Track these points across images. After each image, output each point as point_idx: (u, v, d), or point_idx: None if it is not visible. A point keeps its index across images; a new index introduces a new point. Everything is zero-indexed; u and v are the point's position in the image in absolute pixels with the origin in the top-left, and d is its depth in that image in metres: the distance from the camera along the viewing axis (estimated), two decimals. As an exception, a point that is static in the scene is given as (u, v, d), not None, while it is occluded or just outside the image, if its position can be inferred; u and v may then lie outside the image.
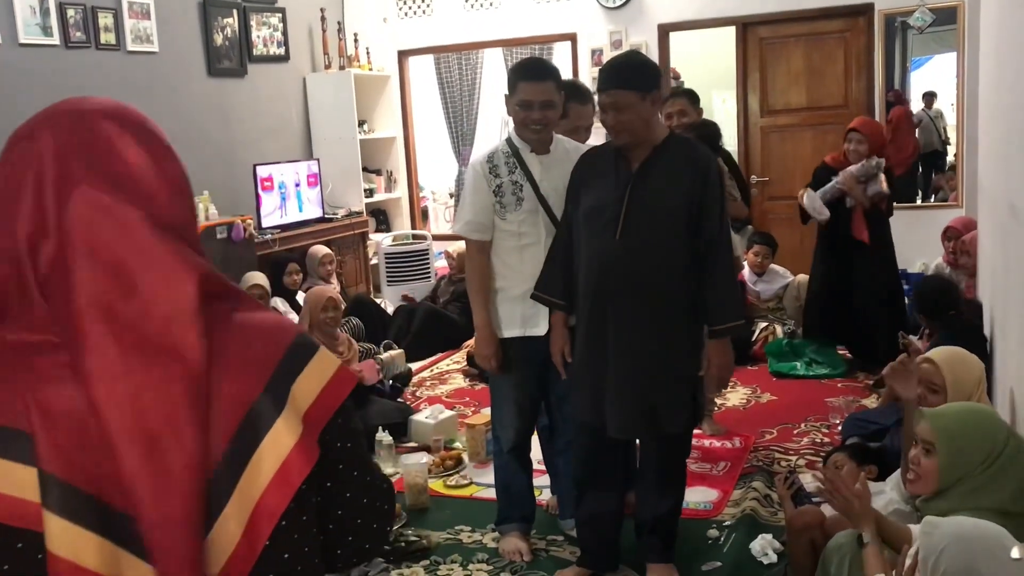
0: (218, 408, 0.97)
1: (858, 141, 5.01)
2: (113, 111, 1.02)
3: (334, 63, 7.34)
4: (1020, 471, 2.17)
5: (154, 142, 1.01)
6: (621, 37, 6.93)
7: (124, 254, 0.95)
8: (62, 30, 5.29)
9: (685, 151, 2.83)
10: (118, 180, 0.97)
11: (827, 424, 4.43)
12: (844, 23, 6.53)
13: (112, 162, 0.98)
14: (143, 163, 0.99)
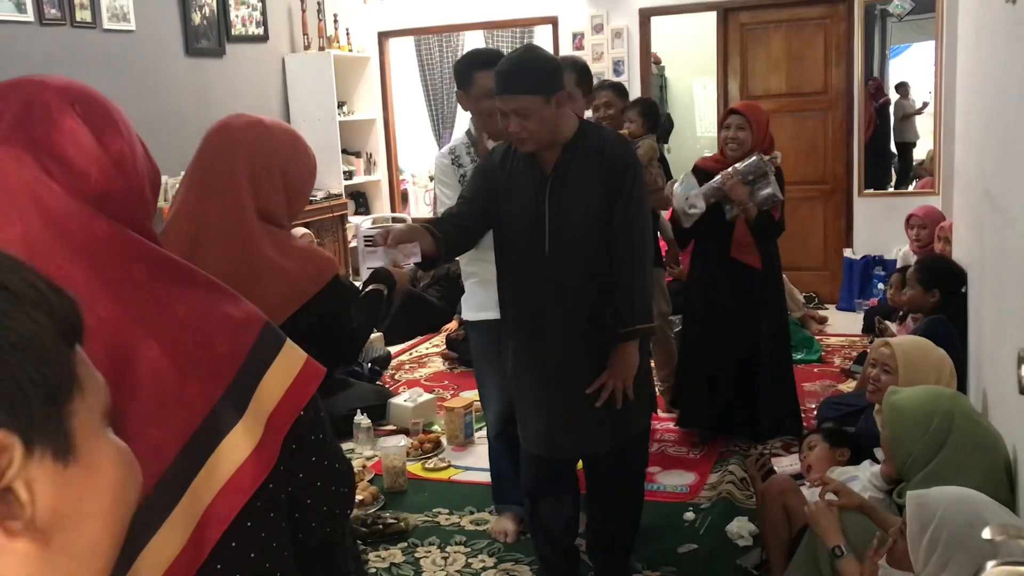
0: (177, 409, 0.95)
1: (738, 126, 3.89)
2: (64, 85, 1.01)
3: (313, 44, 7.28)
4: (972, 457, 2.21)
5: (102, 119, 0.99)
6: (602, 21, 6.92)
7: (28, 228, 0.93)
8: (36, 6, 5.20)
9: (597, 143, 2.62)
10: (47, 148, 0.96)
11: (804, 409, 4.47)
12: (824, 10, 6.55)
13: (45, 130, 0.96)
14: (80, 136, 0.97)
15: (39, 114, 0.96)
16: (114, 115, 1.02)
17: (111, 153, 0.98)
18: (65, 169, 0.95)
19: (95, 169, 0.97)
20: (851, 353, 5.34)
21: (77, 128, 0.97)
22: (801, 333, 5.53)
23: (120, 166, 0.99)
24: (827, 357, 5.39)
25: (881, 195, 6.65)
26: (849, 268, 6.48)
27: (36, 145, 0.95)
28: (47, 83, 1.00)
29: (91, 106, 0.99)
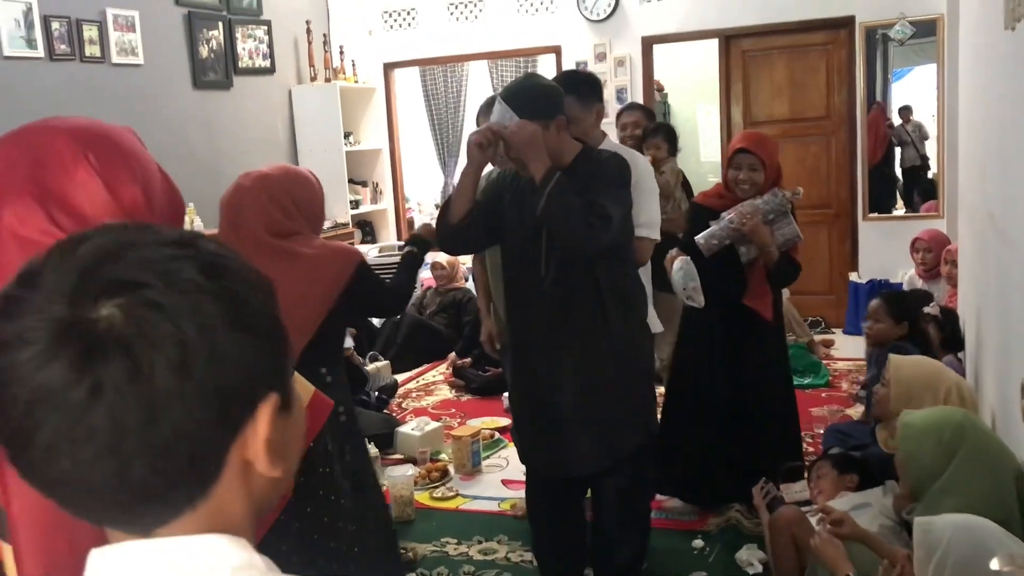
0: None
1: (750, 167, 3.40)
2: (79, 132, 1.02)
3: (320, 75, 7.35)
4: (983, 466, 2.21)
5: (115, 167, 1.00)
6: (605, 50, 6.97)
7: None
8: (47, 43, 5.28)
9: (594, 164, 2.66)
10: (59, 199, 0.97)
11: (811, 434, 4.46)
12: (826, 35, 6.60)
13: (58, 181, 0.98)
14: (92, 187, 0.98)
15: (52, 164, 0.98)
16: (129, 159, 1.03)
17: (123, 202, 1.00)
18: (76, 220, 0.97)
19: (107, 219, 0.98)
20: (858, 377, 5.33)
21: (89, 179, 0.99)
22: (808, 358, 5.53)
23: (131, 214, 1.01)
24: (834, 381, 5.38)
25: (886, 219, 6.67)
26: (855, 292, 6.48)
27: (48, 196, 0.97)
28: (62, 130, 1.01)
29: (105, 154, 1.01)
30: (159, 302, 0.61)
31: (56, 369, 0.60)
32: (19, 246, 0.96)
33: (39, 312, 0.61)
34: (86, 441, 0.60)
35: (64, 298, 0.61)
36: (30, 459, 0.62)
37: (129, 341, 0.60)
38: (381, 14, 7.64)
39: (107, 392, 0.60)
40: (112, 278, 0.62)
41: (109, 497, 0.63)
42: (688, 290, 3.34)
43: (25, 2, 5.14)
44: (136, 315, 0.61)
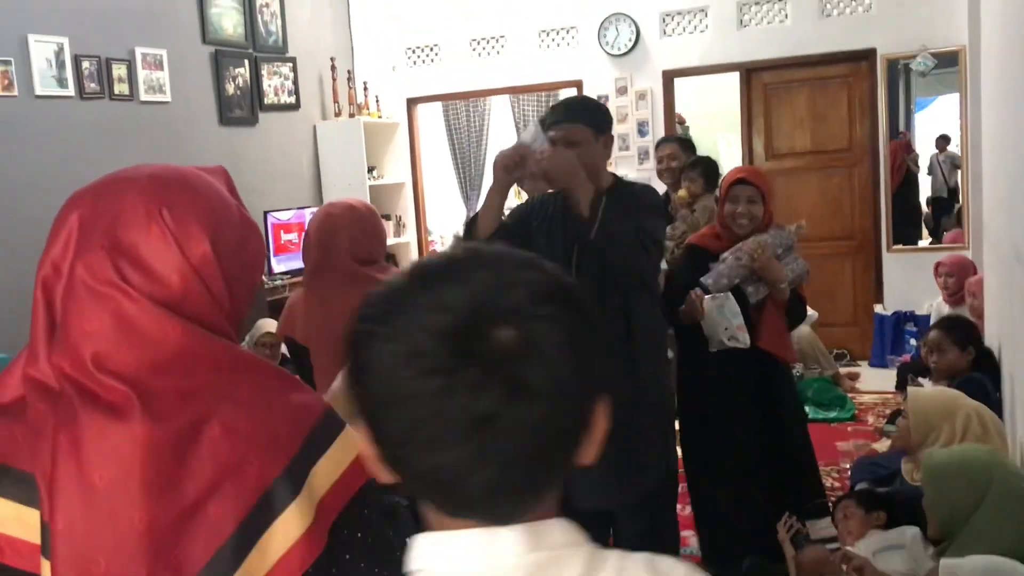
0: (235, 487, 0.98)
1: (749, 199, 3.20)
2: (157, 184, 1.05)
3: (344, 111, 7.44)
4: (1012, 507, 2.18)
5: (187, 223, 1.03)
6: (626, 83, 7.02)
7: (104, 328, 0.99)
8: (77, 82, 5.39)
9: (629, 195, 2.67)
10: (131, 255, 1.01)
11: (837, 469, 4.41)
12: (847, 68, 6.61)
13: (131, 238, 1.01)
14: (164, 245, 1.02)
15: (127, 220, 1.02)
16: (203, 214, 1.05)
17: (192, 259, 1.03)
18: (146, 276, 1.01)
19: (175, 276, 1.02)
20: (884, 411, 5.27)
21: (161, 236, 1.02)
22: (833, 391, 5.48)
23: (200, 271, 1.03)
24: (860, 415, 5.33)
25: (911, 250, 6.63)
26: (880, 324, 6.43)
27: (119, 250, 1.00)
28: (141, 183, 1.05)
29: (179, 210, 1.04)
30: (545, 315, 0.70)
31: (467, 377, 0.68)
32: (90, 296, 1.00)
33: (437, 319, 0.70)
34: (499, 442, 0.68)
35: (467, 312, 0.70)
36: (411, 453, 0.70)
37: (535, 349, 0.69)
38: (404, 50, 7.74)
39: (524, 395, 0.68)
40: (505, 303, 0.70)
41: (498, 492, 0.72)
42: (732, 330, 3.06)
43: (57, 42, 5.25)
44: (531, 328, 0.69)
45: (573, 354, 0.71)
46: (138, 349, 0.99)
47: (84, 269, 1.00)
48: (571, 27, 7.17)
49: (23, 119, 5.06)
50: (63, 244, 1.02)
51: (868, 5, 6.41)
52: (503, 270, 0.73)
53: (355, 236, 2.50)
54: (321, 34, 7.49)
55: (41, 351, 1.00)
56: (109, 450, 0.95)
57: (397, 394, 0.69)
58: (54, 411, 0.97)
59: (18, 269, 4.59)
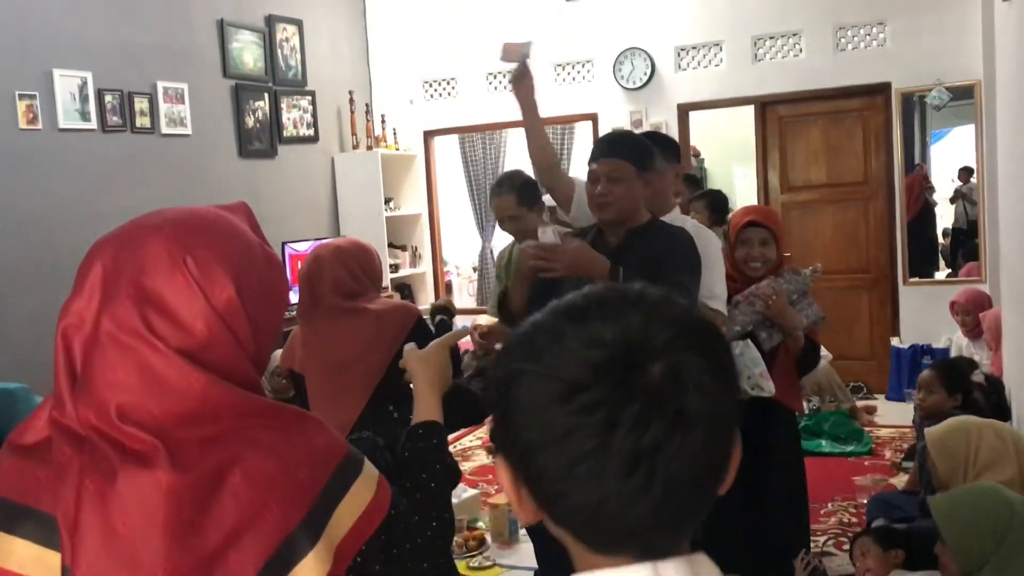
0: (256, 534, 0.99)
1: (762, 241, 3.15)
2: (181, 230, 1.06)
3: (362, 143, 7.52)
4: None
5: (212, 270, 1.04)
6: (641, 117, 7.06)
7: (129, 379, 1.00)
8: (100, 115, 5.48)
9: (665, 234, 2.69)
10: (156, 303, 1.02)
11: (854, 504, 4.38)
12: (862, 102, 6.63)
13: (156, 286, 1.02)
14: (189, 292, 1.03)
15: (151, 269, 1.03)
16: (228, 258, 1.06)
17: (217, 305, 1.04)
18: (170, 324, 1.02)
19: (200, 324, 1.03)
20: (902, 445, 5.24)
21: (187, 284, 1.03)
22: (850, 425, 5.45)
23: (225, 317, 1.04)
24: (877, 449, 5.29)
25: (927, 283, 6.61)
26: (897, 357, 6.40)
27: (146, 299, 1.02)
28: (165, 229, 1.06)
29: (203, 256, 1.05)
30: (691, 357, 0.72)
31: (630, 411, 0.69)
32: (116, 347, 1.01)
33: (592, 352, 0.71)
34: (661, 473, 0.69)
35: (623, 345, 0.71)
36: (570, 489, 0.71)
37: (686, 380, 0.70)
38: (422, 84, 7.83)
39: (685, 424, 0.70)
40: (657, 342, 0.72)
41: (659, 524, 0.72)
42: (755, 378, 2.94)
43: (81, 76, 5.35)
44: (681, 367, 0.71)
45: (719, 383, 0.72)
46: (162, 400, 1.00)
47: (110, 320, 1.01)
48: (587, 61, 7.24)
49: (47, 152, 5.15)
50: (87, 294, 1.03)
51: (883, 40, 6.44)
52: (649, 307, 0.74)
53: (338, 273, 2.69)
54: (340, 68, 7.59)
55: (67, 398, 1.01)
56: (134, 497, 0.96)
57: (555, 430, 0.70)
58: (80, 456, 0.98)
59: (41, 298, 4.66)
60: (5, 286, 4.86)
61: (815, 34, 6.57)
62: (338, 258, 2.72)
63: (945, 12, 6.21)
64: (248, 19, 6.63)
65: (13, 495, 1.00)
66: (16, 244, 4.93)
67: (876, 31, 6.45)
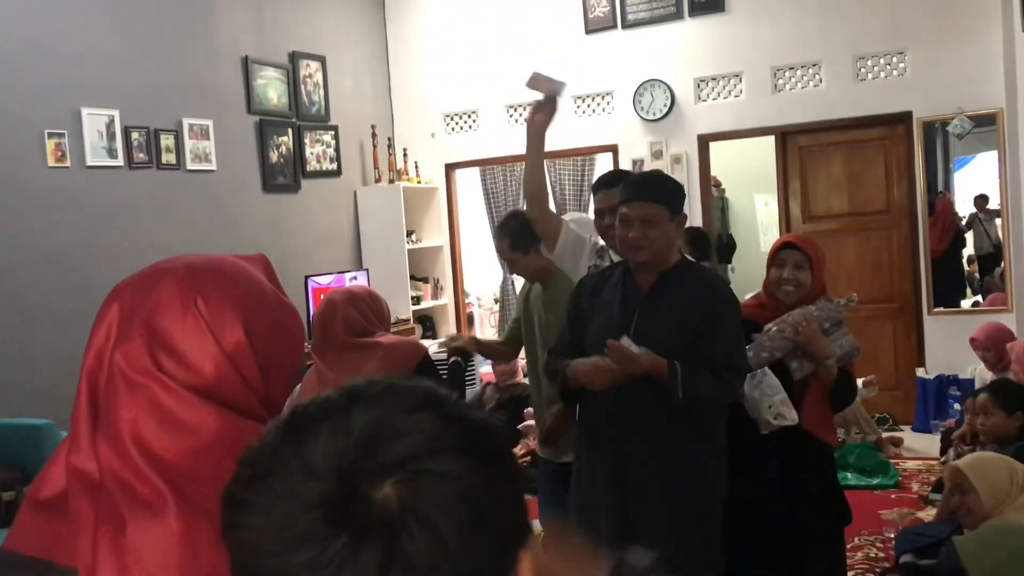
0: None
1: (796, 264, 3.04)
2: (193, 274, 1.09)
3: (384, 177, 7.59)
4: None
5: (222, 311, 1.07)
6: (662, 148, 7.09)
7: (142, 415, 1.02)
8: (126, 152, 5.57)
9: (696, 279, 2.69)
10: (166, 344, 1.04)
11: (881, 539, 4.32)
12: (883, 131, 6.61)
13: (167, 327, 1.05)
14: (199, 333, 1.05)
15: (163, 310, 1.06)
16: (238, 302, 1.09)
17: (226, 347, 1.06)
18: (181, 364, 1.04)
19: (209, 364, 1.05)
20: (929, 478, 5.17)
21: (196, 326, 1.05)
22: (876, 457, 5.39)
23: (234, 358, 1.06)
24: (904, 482, 5.22)
25: (952, 313, 6.54)
26: (923, 388, 6.33)
27: (156, 339, 1.04)
28: (177, 273, 1.09)
29: (214, 299, 1.07)
30: (436, 471, 0.62)
31: (336, 547, 0.60)
32: (127, 387, 1.03)
33: (307, 487, 0.62)
34: None
35: (338, 476, 0.62)
36: None
37: (416, 514, 0.60)
38: (443, 117, 7.90)
39: (396, 566, 0.59)
40: (386, 457, 0.62)
41: None
42: (776, 406, 2.83)
43: (108, 114, 5.45)
44: (417, 487, 0.61)
45: (470, 513, 0.62)
46: (177, 436, 1.02)
47: (122, 358, 1.04)
48: (607, 93, 7.28)
49: (74, 189, 5.24)
50: (105, 334, 1.06)
51: (903, 69, 6.44)
52: (384, 415, 0.64)
53: (349, 313, 2.94)
54: (362, 103, 7.69)
55: (84, 440, 1.03)
56: (148, 547, 0.97)
57: (269, 569, 0.62)
58: (95, 507, 1.00)
59: (68, 335, 4.72)
60: (33, 322, 4.93)
61: (835, 64, 6.58)
62: (349, 300, 2.98)
63: (965, 41, 6.20)
64: (272, 56, 6.73)
65: (37, 552, 1.02)
66: (44, 280, 5.00)
67: (896, 60, 6.46)
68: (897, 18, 6.38)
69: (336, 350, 2.91)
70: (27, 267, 4.95)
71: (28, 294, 4.92)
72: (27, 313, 4.93)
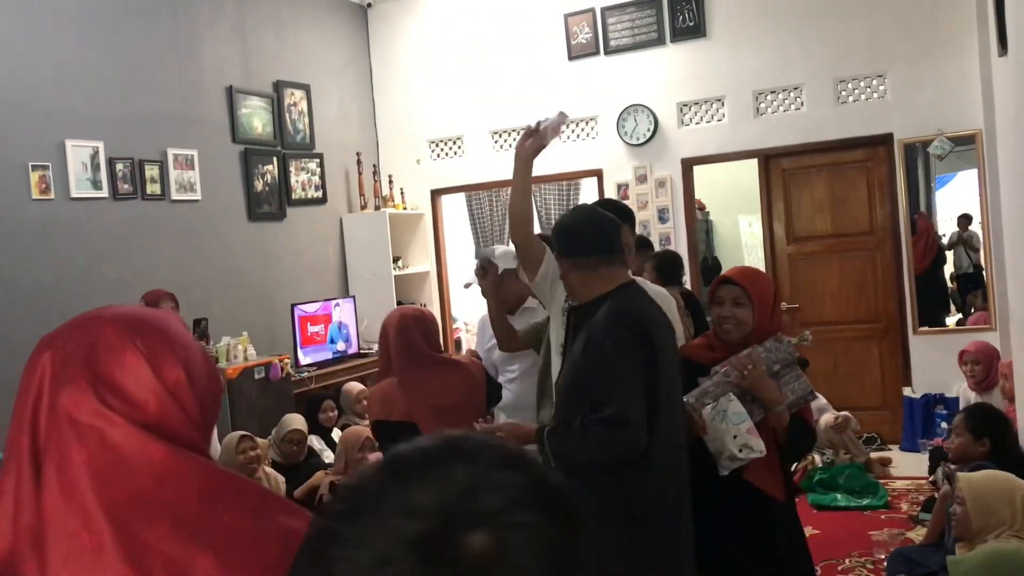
0: None
1: (734, 300, 2.84)
2: (127, 319, 1.12)
3: (370, 203, 7.60)
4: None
5: (160, 351, 1.10)
6: (646, 172, 7.13)
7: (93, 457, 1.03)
8: (111, 183, 5.56)
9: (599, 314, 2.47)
10: (109, 383, 1.06)
11: (872, 560, 4.32)
12: (865, 153, 6.68)
13: (108, 367, 1.07)
14: (140, 371, 1.08)
15: (103, 351, 1.08)
16: (173, 343, 1.12)
17: (167, 383, 1.09)
18: (125, 401, 1.06)
19: (152, 399, 1.07)
20: (918, 498, 5.18)
21: (137, 363, 1.08)
22: (865, 478, 5.40)
23: (175, 395, 1.09)
24: (894, 502, 5.23)
25: (937, 332, 6.58)
26: (910, 407, 6.36)
27: (99, 380, 1.06)
28: (112, 319, 1.12)
29: (150, 340, 1.10)
30: (522, 523, 0.66)
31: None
32: (74, 430, 1.04)
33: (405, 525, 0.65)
34: None
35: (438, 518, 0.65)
36: None
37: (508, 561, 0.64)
38: (428, 143, 7.93)
39: None
40: (481, 507, 0.66)
41: None
42: (743, 436, 2.63)
43: (93, 146, 5.44)
44: (505, 537, 0.65)
45: (551, 565, 0.66)
46: (128, 474, 1.03)
47: (68, 401, 1.05)
48: (591, 118, 7.33)
49: (59, 221, 5.21)
50: (38, 383, 1.07)
51: (883, 92, 6.51)
52: (482, 469, 0.69)
53: (428, 331, 3.19)
54: (347, 130, 7.71)
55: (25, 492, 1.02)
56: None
57: None
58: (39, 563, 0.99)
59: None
60: (17, 356, 4.88)
61: (816, 87, 6.65)
62: (419, 318, 3.23)
63: (944, 64, 6.29)
64: (257, 85, 6.75)
65: None
66: (29, 313, 4.97)
67: (876, 83, 6.53)
68: (877, 42, 6.46)
69: (419, 365, 3.10)
70: (12, 300, 4.92)
71: (13, 327, 4.88)
72: (12, 347, 4.88)
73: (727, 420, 2.66)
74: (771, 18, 6.73)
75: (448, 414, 2.99)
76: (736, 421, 2.65)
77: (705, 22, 6.90)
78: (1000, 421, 4.09)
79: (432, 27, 7.82)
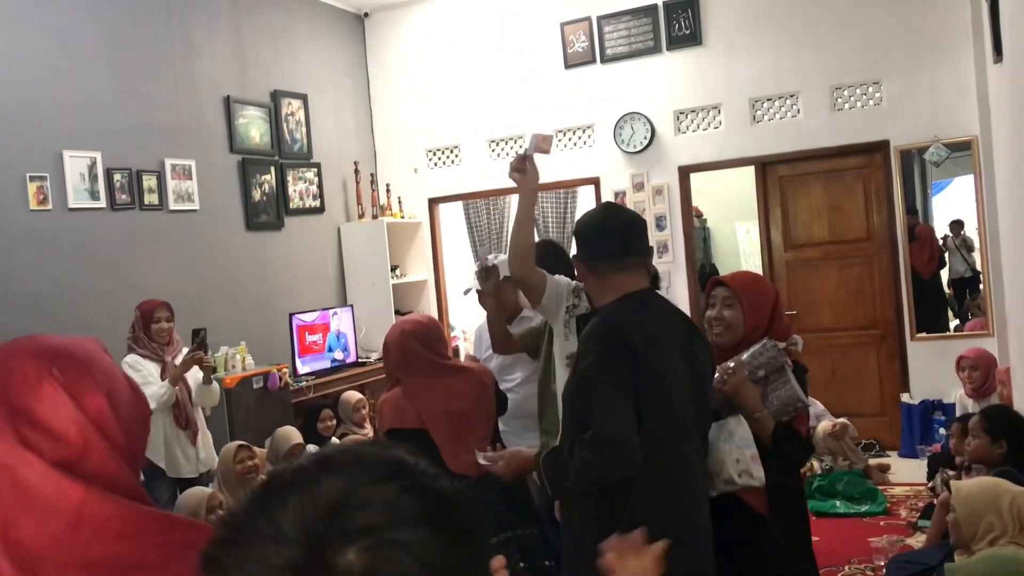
0: None
1: (724, 302, 2.77)
2: (42, 349, 1.07)
3: (367, 212, 7.60)
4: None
5: (79, 379, 1.05)
6: (643, 179, 7.14)
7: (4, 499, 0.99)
8: (108, 194, 5.56)
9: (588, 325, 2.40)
10: (26, 416, 1.01)
11: (871, 566, 4.32)
12: (861, 159, 6.70)
13: (24, 399, 1.02)
14: (58, 401, 1.03)
15: (18, 384, 1.03)
16: (92, 369, 1.08)
17: (89, 413, 1.04)
18: (43, 435, 1.01)
19: (74, 430, 1.03)
20: (917, 504, 5.18)
21: (55, 393, 1.03)
22: (864, 484, 5.40)
23: (98, 423, 1.05)
24: (892, 508, 5.23)
25: (935, 338, 6.59)
26: (908, 413, 6.36)
27: (15, 414, 1.01)
28: (26, 349, 1.07)
29: (68, 368, 1.06)
30: (397, 540, 0.63)
31: None
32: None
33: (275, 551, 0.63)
34: None
35: (304, 542, 0.63)
36: None
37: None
38: (426, 152, 7.94)
39: None
40: (350, 525, 0.63)
41: None
42: (744, 461, 2.47)
43: (90, 156, 5.44)
44: (378, 555, 0.62)
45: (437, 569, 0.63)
46: (40, 517, 0.99)
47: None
48: (588, 126, 7.34)
49: (57, 232, 5.21)
50: None
51: (879, 99, 6.53)
52: (352, 484, 0.66)
53: (434, 340, 3.16)
54: (344, 139, 7.72)
55: None
56: None
57: None
58: None
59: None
60: (15, 365, 4.88)
61: (812, 95, 6.67)
62: (422, 329, 3.18)
63: (939, 71, 6.31)
64: (254, 95, 6.76)
65: None
66: (28, 324, 4.96)
67: (872, 91, 6.55)
68: (872, 49, 6.49)
69: (426, 375, 3.07)
70: (10, 311, 4.91)
71: (11, 337, 4.88)
72: (9, 357, 4.88)
73: (732, 442, 2.51)
74: (767, 26, 6.75)
75: (459, 420, 3.02)
76: (742, 445, 2.50)
77: (701, 30, 6.92)
78: (1018, 423, 4.07)
79: (429, 36, 7.84)
